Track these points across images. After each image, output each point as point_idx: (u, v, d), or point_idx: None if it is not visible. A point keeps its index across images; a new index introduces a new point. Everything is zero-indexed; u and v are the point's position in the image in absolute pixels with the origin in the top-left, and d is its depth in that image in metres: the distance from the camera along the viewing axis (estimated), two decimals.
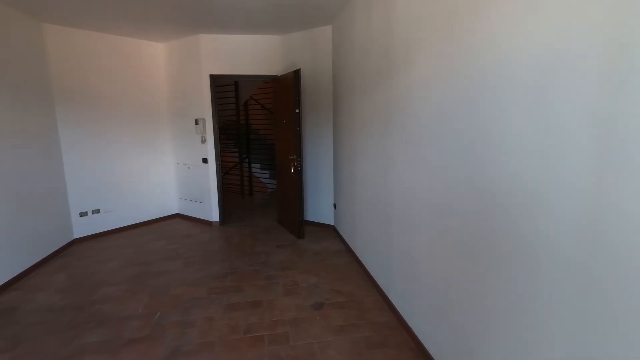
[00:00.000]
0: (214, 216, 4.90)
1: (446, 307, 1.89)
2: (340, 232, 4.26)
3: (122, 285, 3.18)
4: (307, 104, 4.55)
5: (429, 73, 1.95)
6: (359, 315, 2.66)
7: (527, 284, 1.28)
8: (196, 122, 4.67)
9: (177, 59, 4.84)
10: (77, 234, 4.31)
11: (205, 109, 4.63)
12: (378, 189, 2.86)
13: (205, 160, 4.78)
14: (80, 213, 4.31)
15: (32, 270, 3.49)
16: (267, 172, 7.24)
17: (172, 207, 5.32)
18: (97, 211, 4.47)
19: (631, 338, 0.93)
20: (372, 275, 3.14)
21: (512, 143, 1.33)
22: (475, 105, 1.54)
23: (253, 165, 7.13)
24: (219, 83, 5.71)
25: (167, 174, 5.20)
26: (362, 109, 3.17)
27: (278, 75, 4.65)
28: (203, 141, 4.72)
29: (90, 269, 3.56)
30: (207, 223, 4.95)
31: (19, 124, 3.43)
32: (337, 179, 4.33)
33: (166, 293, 3.04)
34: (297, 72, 3.88)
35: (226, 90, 6.48)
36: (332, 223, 4.65)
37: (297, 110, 3.94)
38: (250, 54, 4.62)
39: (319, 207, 4.73)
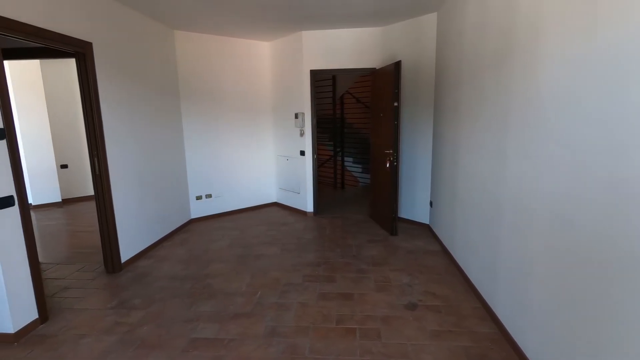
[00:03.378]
0: (309, 206, 5.10)
1: (567, 329, 1.64)
2: (436, 232, 4.04)
3: (228, 264, 3.54)
4: (406, 97, 4.39)
5: (561, 55, 1.68)
6: (456, 322, 2.49)
7: None
8: (296, 116, 4.90)
9: (280, 56, 5.13)
10: (193, 215, 4.93)
11: (304, 104, 4.83)
12: (486, 187, 2.61)
13: (302, 153, 4.99)
14: (196, 196, 4.92)
15: (160, 243, 4.11)
16: (360, 166, 7.26)
17: (271, 195, 5.71)
18: (210, 196, 5.04)
19: None
20: (472, 280, 2.91)
21: None
22: (628, 90, 1.27)
23: (346, 158, 7.21)
24: (318, 78, 5.88)
25: (268, 164, 5.59)
26: (470, 100, 2.92)
27: (377, 67, 4.58)
28: (301, 134, 4.93)
29: (203, 246, 4.04)
30: (302, 213, 5.19)
31: (160, 118, 4.06)
32: (435, 175, 4.10)
33: (266, 275, 3.27)
34: (397, 64, 3.76)
35: (324, 84, 6.64)
36: (427, 222, 4.44)
37: (395, 104, 3.83)
38: (349, 47, 4.65)
39: (413, 204, 4.56)
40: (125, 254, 3.48)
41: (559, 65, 1.70)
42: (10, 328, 2.33)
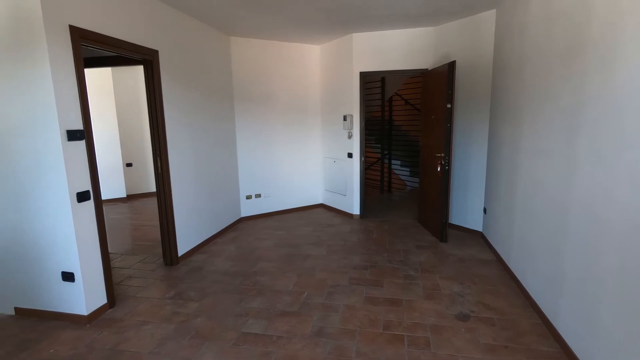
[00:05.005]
0: (355, 209, 5.08)
1: None
2: (490, 240, 3.83)
3: (276, 262, 3.62)
4: (460, 98, 4.22)
5: None
6: (513, 337, 2.34)
7: None
8: (344, 118, 4.91)
9: (330, 59, 5.18)
10: (243, 214, 5.12)
11: (353, 106, 4.82)
12: (550, 194, 2.43)
13: (350, 155, 4.99)
14: (246, 196, 5.10)
15: (213, 239, 4.31)
16: (407, 169, 7.09)
17: (317, 197, 5.76)
18: (259, 195, 5.20)
19: None
20: (531, 293, 2.72)
21: None
22: None
23: (393, 161, 7.09)
24: (367, 80, 5.86)
25: (315, 166, 5.65)
26: (533, 100, 2.74)
27: (429, 68, 4.46)
28: (349, 137, 4.93)
29: (252, 244, 4.17)
30: (348, 215, 5.18)
31: (215, 120, 4.27)
32: (490, 180, 3.90)
33: (312, 275, 3.31)
34: (451, 65, 3.63)
35: (373, 86, 6.59)
36: (479, 229, 4.23)
37: (448, 105, 3.70)
38: (400, 48, 4.57)
39: (465, 210, 4.37)
40: (182, 248, 3.70)
41: None
42: (84, 310, 2.58)
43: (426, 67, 4.52)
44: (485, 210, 4.07)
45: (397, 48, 4.58)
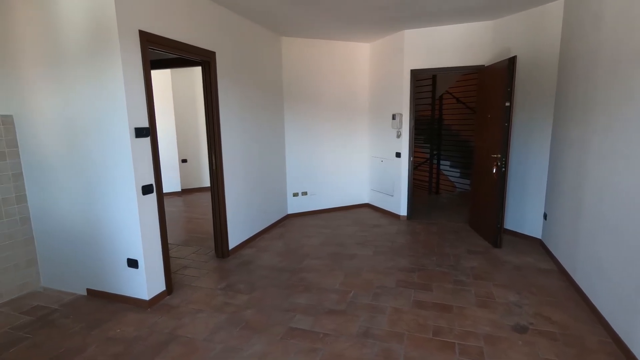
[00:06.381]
0: (402, 210, 4.97)
1: None
2: (551, 249, 3.56)
3: (322, 260, 3.64)
4: (519, 96, 3.97)
5: None
6: (578, 354, 2.16)
7: None
8: (393, 117, 4.81)
9: (380, 57, 5.10)
10: (290, 211, 5.22)
11: (403, 105, 4.71)
12: (627, 202, 2.21)
13: (398, 155, 4.89)
14: (293, 193, 5.19)
15: (261, 234, 4.44)
16: (457, 170, 6.81)
17: (363, 196, 5.72)
18: (305, 193, 5.27)
19: None
20: (599, 309, 2.49)
21: None
22: None
23: (442, 162, 6.84)
24: (417, 77, 5.70)
25: (362, 165, 5.61)
26: (609, 99, 2.50)
27: (485, 65, 4.24)
28: (398, 136, 4.83)
29: (299, 241, 4.24)
30: (395, 216, 5.08)
31: (266, 119, 4.41)
32: (552, 184, 3.62)
33: (358, 275, 3.29)
34: (512, 60, 3.42)
35: (423, 84, 6.39)
36: (538, 236, 3.95)
37: (507, 104, 3.49)
38: (454, 44, 4.39)
39: (522, 215, 4.10)
40: (233, 242, 3.84)
41: None
42: (145, 295, 2.77)
43: (482, 64, 4.30)
44: (545, 216, 3.79)
45: (451, 44, 4.41)
